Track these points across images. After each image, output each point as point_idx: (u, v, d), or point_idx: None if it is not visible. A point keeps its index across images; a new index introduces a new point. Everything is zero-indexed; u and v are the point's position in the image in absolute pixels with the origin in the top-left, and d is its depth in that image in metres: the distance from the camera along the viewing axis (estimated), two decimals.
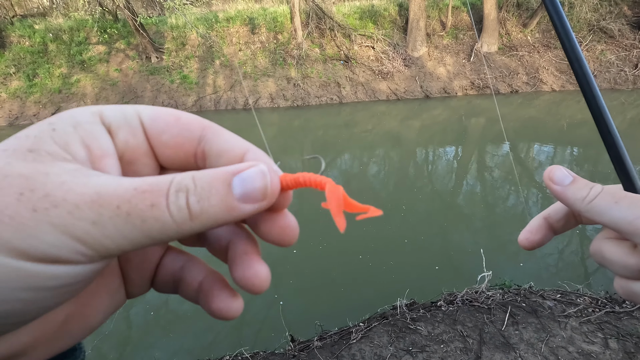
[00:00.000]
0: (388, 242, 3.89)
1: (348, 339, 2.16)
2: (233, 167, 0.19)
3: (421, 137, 7.90)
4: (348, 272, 3.36)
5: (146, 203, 0.16)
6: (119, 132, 0.21)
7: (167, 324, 2.72)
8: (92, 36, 11.64)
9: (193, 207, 0.17)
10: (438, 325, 2.26)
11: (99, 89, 10.71)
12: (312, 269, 3.48)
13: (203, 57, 11.36)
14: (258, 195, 0.19)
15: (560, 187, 0.30)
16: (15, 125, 10.00)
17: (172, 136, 0.22)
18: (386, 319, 2.36)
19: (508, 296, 2.55)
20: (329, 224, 2.05)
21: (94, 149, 0.19)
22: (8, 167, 0.16)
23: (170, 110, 0.23)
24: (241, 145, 0.23)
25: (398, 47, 11.54)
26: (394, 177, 5.79)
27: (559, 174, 0.30)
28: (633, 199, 0.27)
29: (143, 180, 0.17)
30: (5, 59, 11.13)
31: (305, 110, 10.04)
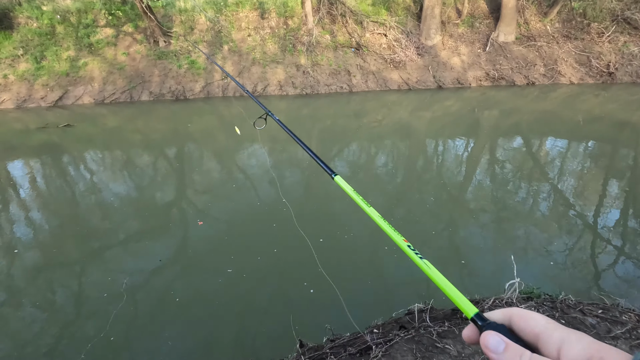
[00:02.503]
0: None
1: (367, 356, 1.94)
2: None
3: (431, 128, 7.92)
4: (350, 270, 3.47)
5: None
6: None
7: (167, 335, 2.82)
8: (99, 18, 11.75)
9: None
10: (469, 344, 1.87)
11: (107, 72, 10.85)
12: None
13: (212, 42, 11.41)
14: None
15: (496, 355, 0.35)
16: (23, 108, 10.22)
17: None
18: (405, 329, 2.13)
19: (544, 309, 2.27)
20: (335, 220, 2.18)
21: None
22: None
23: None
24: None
25: (411, 35, 11.45)
26: (402, 169, 5.86)
27: (493, 342, 0.36)
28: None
29: None
30: (13, 40, 11.31)
31: (314, 99, 10.08)
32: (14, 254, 3.77)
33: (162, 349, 2.53)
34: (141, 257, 3.63)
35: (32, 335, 2.69)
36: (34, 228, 4.38)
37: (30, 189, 5.43)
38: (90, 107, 10.10)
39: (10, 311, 2.97)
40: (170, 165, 6.34)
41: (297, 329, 2.51)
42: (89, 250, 3.79)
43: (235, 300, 2.97)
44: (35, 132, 8.12)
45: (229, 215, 4.37)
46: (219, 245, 3.76)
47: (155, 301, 2.99)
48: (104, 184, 5.48)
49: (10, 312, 2.95)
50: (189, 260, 3.54)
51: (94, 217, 4.53)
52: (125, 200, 4.93)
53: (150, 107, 9.85)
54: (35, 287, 3.27)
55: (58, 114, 9.64)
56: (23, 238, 4.12)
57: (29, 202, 5.03)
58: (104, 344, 2.54)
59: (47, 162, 6.56)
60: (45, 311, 2.94)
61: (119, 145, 7.41)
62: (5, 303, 3.08)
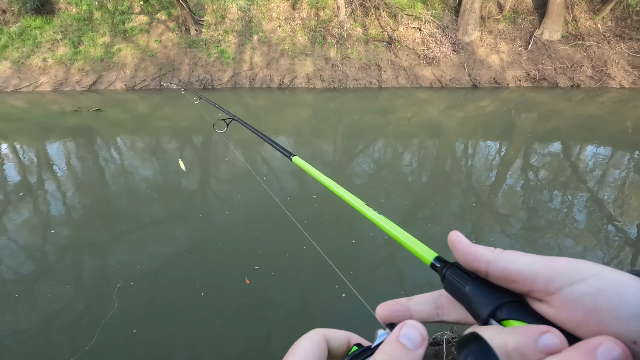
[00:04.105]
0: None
1: None
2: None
3: (463, 129, 7.75)
4: (378, 281, 3.50)
5: None
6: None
7: (184, 321, 3.00)
8: (134, 5, 12.25)
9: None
10: None
11: (139, 59, 11.32)
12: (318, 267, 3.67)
13: (242, 31, 11.63)
14: None
15: (469, 243, 0.31)
16: (59, 91, 10.87)
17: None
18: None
19: None
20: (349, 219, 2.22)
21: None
22: None
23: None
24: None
25: (447, 30, 11.19)
26: (428, 169, 5.80)
27: (464, 238, 0.31)
28: (534, 255, 0.28)
29: None
30: (53, 25, 12.01)
31: (342, 93, 10.09)
32: (47, 229, 4.07)
33: (177, 336, 2.68)
34: (165, 243, 3.82)
35: (54, 310, 2.92)
36: (66, 206, 4.70)
37: (64, 169, 5.81)
38: (122, 93, 10.59)
39: (38, 285, 3.23)
40: (196, 153, 6.57)
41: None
42: (115, 231, 4.03)
43: (254, 297, 3.08)
44: (70, 115, 8.63)
45: (255, 208, 4.49)
46: (245, 240, 3.88)
47: (175, 288, 3.15)
48: (131, 168, 5.78)
49: (37, 287, 3.21)
50: (215, 251, 3.68)
51: (120, 200, 4.80)
52: (152, 185, 5.18)
53: (178, 94, 10.21)
54: (64, 264, 3.53)
55: (91, 98, 10.18)
56: (56, 215, 4.43)
57: (63, 180, 5.39)
58: (119, 323, 2.72)
59: (80, 144, 6.98)
60: (69, 288, 3.18)
61: (147, 131, 7.75)
62: (36, 277, 3.36)
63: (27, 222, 4.27)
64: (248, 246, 3.64)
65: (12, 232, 4.07)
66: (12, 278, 3.32)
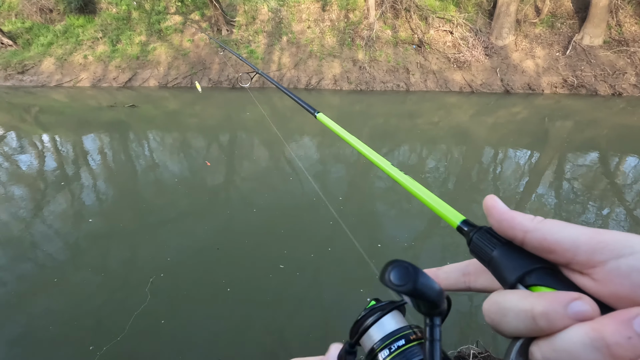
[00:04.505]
0: (438, 251, 3.92)
1: None
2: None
3: (492, 135, 7.54)
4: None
5: None
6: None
7: (205, 314, 3.10)
8: (170, 6, 12.73)
9: None
10: None
11: (172, 58, 11.76)
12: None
13: (271, 32, 11.83)
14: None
15: (507, 209, 0.28)
16: (98, 87, 11.45)
17: None
18: None
19: None
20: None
21: None
22: None
23: None
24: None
25: (480, 33, 10.93)
26: (454, 176, 5.69)
27: (501, 202, 0.29)
28: (578, 226, 0.25)
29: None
30: (94, 24, 12.68)
31: (369, 95, 10.06)
32: (85, 219, 4.32)
33: (202, 328, 2.78)
34: (193, 238, 3.96)
35: (89, 297, 3.09)
36: (102, 197, 4.96)
37: (99, 161, 6.13)
38: (154, 90, 11.03)
39: (71, 272, 3.43)
40: (222, 150, 6.76)
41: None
42: (147, 223, 4.21)
43: (278, 296, 3.15)
44: (106, 110, 9.08)
45: (282, 206, 4.56)
46: (273, 237, 3.96)
47: (202, 281, 3.26)
48: (161, 162, 6.01)
49: (75, 273, 3.41)
50: (242, 248, 3.78)
51: (151, 193, 5.01)
52: (181, 180, 5.37)
53: (208, 93, 10.51)
54: (100, 252, 3.73)
55: (126, 94, 10.66)
56: (93, 205, 4.69)
57: (97, 172, 5.69)
58: (150, 314, 2.85)
59: (114, 138, 7.33)
60: (104, 276, 3.35)
61: (177, 128, 8.03)
62: (74, 264, 3.57)
63: (67, 211, 4.55)
64: (274, 245, 3.71)
65: (53, 220, 4.34)
66: (52, 264, 3.55)
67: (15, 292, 3.15)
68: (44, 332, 2.71)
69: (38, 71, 12.05)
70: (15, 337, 2.69)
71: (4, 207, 4.56)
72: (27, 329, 2.75)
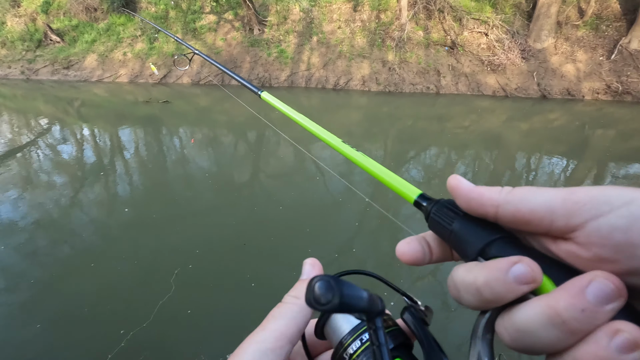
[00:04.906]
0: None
1: None
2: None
3: (526, 142, 7.26)
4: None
5: None
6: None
7: (227, 304, 3.17)
8: (205, 5, 13.12)
9: None
10: None
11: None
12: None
13: (302, 32, 11.94)
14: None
15: (472, 186, 0.27)
16: (135, 83, 11.98)
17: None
18: None
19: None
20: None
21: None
22: None
23: None
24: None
25: (517, 35, 10.53)
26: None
27: (465, 181, 0.28)
28: (549, 189, 0.24)
29: None
30: (134, 22, 13.27)
31: (397, 97, 9.95)
32: (122, 208, 4.54)
33: (223, 320, 2.86)
34: (221, 232, 4.07)
35: (116, 283, 3.25)
36: (137, 188, 5.20)
37: (134, 153, 6.42)
38: (187, 87, 11.40)
39: (106, 258, 3.61)
40: (249, 148, 6.90)
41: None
42: (174, 215, 4.37)
43: None
44: (142, 105, 9.48)
45: (308, 205, 4.61)
46: (298, 235, 4.01)
47: (228, 275, 3.35)
48: (191, 157, 6.22)
49: (105, 259, 3.59)
50: (267, 245, 3.86)
51: (180, 186, 5.19)
52: (212, 175, 5.53)
53: (237, 91, 10.70)
54: (128, 240, 3.91)
55: (161, 90, 11.09)
56: (128, 195, 4.92)
57: (132, 164, 5.97)
58: (175, 303, 2.95)
59: (148, 132, 7.65)
60: (136, 264, 3.51)
61: (207, 124, 8.27)
62: (103, 250, 3.76)
63: (105, 200, 4.80)
64: (299, 243, 3.76)
65: (92, 208, 4.60)
66: (90, 249, 3.76)
67: (55, 274, 3.36)
68: (79, 313, 2.87)
69: (81, 67, 12.77)
70: (53, 316, 2.87)
71: (47, 194, 4.88)
72: (64, 308, 2.93)
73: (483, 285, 0.23)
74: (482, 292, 0.23)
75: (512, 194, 0.24)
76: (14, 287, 3.22)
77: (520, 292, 0.22)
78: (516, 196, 0.24)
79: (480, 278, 0.23)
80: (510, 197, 0.24)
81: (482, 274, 0.23)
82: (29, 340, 2.66)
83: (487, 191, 0.26)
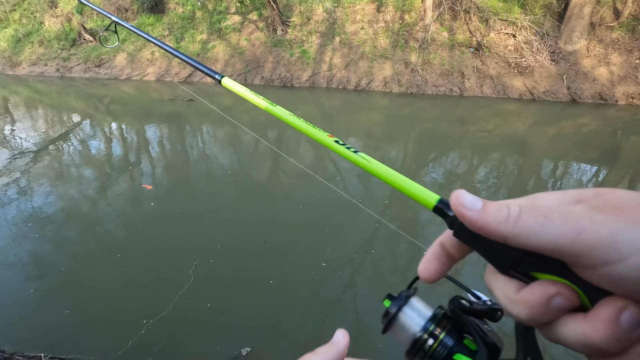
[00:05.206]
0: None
1: None
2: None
3: (553, 147, 7.01)
4: None
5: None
6: None
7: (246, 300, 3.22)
8: (231, 6, 13.36)
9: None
10: None
11: (229, 56, 12.34)
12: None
13: (325, 33, 11.97)
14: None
15: (476, 212, 0.25)
16: (161, 81, 12.34)
17: None
18: None
19: None
20: None
21: None
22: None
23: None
24: None
25: (547, 37, 10.19)
26: (505, 188, 5.37)
27: (469, 199, 0.26)
28: (562, 211, 0.23)
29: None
30: (162, 22, 13.68)
31: (419, 99, 9.82)
32: (148, 202, 4.70)
33: (241, 316, 2.91)
34: (242, 229, 4.15)
35: (139, 272, 3.36)
36: (159, 182, 5.36)
37: (158, 150, 6.63)
38: (211, 86, 11.64)
39: (131, 249, 3.74)
40: (270, 147, 6.98)
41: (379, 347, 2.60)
42: (196, 210, 4.48)
43: (316, 294, 3.20)
44: (167, 103, 9.76)
45: (327, 205, 4.62)
46: (317, 234, 4.04)
47: (247, 271, 3.41)
48: (213, 154, 6.35)
49: (130, 250, 3.73)
50: (287, 243, 3.90)
51: (202, 182, 5.32)
52: (232, 172, 5.64)
53: (259, 90, 10.79)
54: (153, 232, 4.04)
55: (186, 89, 11.38)
56: (155, 191, 5.09)
57: (157, 159, 6.16)
58: (194, 296, 3.03)
59: (172, 129, 7.87)
60: (154, 254, 3.63)
61: (229, 122, 8.42)
62: (129, 241, 3.90)
63: (132, 194, 4.98)
64: (318, 242, 3.78)
65: (122, 201, 4.78)
66: (117, 240, 3.92)
67: (84, 263, 3.52)
68: (104, 300, 3.00)
69: (112, 65, 13.27)
70: (80, 302, 3.01)
71: (77, 187, 5.10)
72: (91, 295, 3.07)
73: (524, 311, 0.25)
74: (522, 316, 0.25)
75: (519, 226, 0.23)
76: (44, 275, 3.39)
77: (559, 316, 0.24)
78: (523, 230, 0.23)
79: (521, 307, 0.25)
80: (518, 231, 0.23)
81: (524, 305, 0.25)
82: (56, 324, 2.79)
83: (492, 221, 0.25)
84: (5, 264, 3.49)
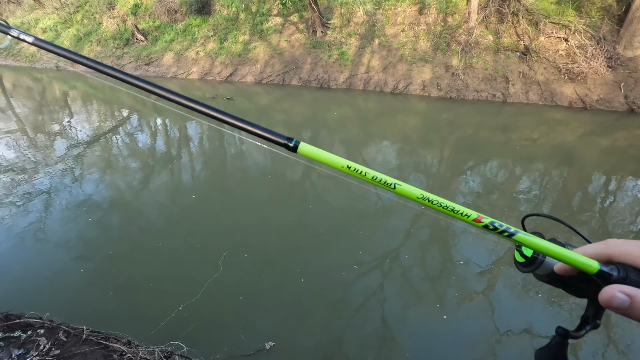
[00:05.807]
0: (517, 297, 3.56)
1: None
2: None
3: (606, 160, 6.52)
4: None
5: None
6: None
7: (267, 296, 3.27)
8: (273, 8, 13.66)
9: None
10: None
11: (269, 56, 12.61)
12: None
13: (364, 35, 11.92)
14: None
15: (626, 312, 0.33)
16: (204, 80, 12.84)
17: None
18: None
19: None
20: None
21: None
22: None
23: None
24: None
25: (603, 42, 9.49)
26: (550, 201, 5.06)
27: (617, 301, 0.33)
28: None
29: None
30: (208, 24, 14.24)
31: (459, 104, 9.51)
32: (189, 194, 4.92)
33: (269, 310, 2.96)
34: (277, 227, 4.23)
35: (177, 259, 3.52)
36: (198, 177, 5.60)
37: (198, 146, 6.91)
38: (250, 85, 11.97)
39: (171, 237, 3.93)
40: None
41: (407, 355, 2.56)
42: (234, 205, 4.63)
43: (345, 296, 3.20)
44: (208, 100, 10.14)
45: (361, 208, 4.61)
46: (351, 236, 4.04)
47: (279, 268, 3.48)
48: (249, 153, 6.52)
49: (169, 238, 3.91)
50: (320, 244, 3.93)
51: (239, 179, 5.48)
52: (269, 170, 5.77)
53: (297, 91, 11.04)
54: (193, 223, 4.22)
55: (226, 87, 11.77)
56: (192, 183, 5.32)
57: (197, 155, 6.43)
58: (223, 286, 3.13)
59: (212, 127, 8.16)
60: (198, 247, 3.78)
61: (266, 121, 8.61)
62: (170, 230, 4.10)
63: (173, 186, 5.24)
64: (351, 244, 3.78)
65: (161, 193, 5.04)
66: (158, 229, 4.14)
67: (129, 247, 3.74)
68: (143, 284, 3.18)
69: (160, 63, 14.02)
70: (122, 284, 3.21)
71: (123, 177, 5.44)
72: (131, 278, 3.27)
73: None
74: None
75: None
76: (93, 257, 3.65)
77: None
78: None
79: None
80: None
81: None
82: (99, 302, 3.00)
83: (636, 314, 0.33)
84: (60, 244, 3.79)
